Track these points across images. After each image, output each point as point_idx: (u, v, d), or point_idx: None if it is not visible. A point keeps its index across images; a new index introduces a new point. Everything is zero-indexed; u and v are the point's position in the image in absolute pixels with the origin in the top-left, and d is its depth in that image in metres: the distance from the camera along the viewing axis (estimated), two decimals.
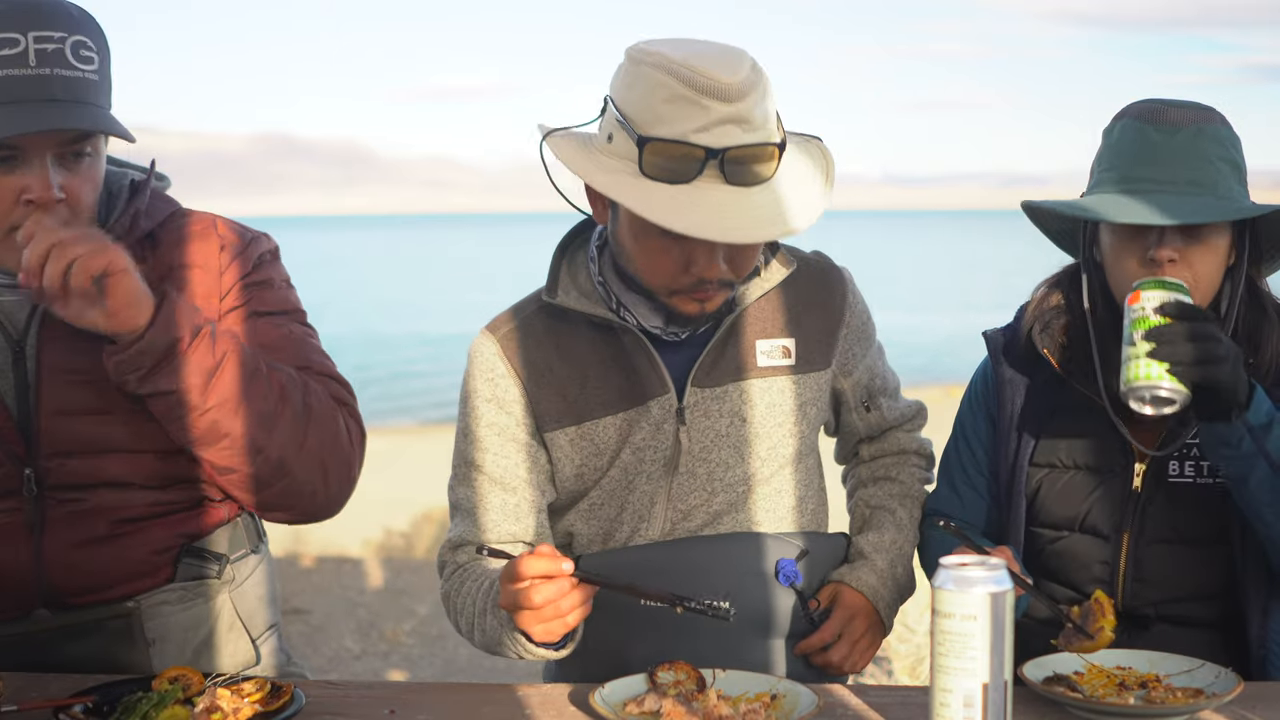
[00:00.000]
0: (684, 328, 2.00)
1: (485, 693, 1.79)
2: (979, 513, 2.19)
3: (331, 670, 5.22)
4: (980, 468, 2.19)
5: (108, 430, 1.88)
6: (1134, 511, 2.04)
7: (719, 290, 1.92)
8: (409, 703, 1.75)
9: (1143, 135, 1.98)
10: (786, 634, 2.05)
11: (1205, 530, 2.02)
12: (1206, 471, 2.02)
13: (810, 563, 2.08)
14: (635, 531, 2.03)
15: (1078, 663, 1.81)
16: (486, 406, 2.04)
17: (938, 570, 1.50)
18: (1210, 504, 2.01)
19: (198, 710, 1.62)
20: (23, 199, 1.78)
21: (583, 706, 1.69)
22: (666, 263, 1.89)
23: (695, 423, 2.01)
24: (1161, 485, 2.03)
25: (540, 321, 2.05)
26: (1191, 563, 2.02)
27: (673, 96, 1.79)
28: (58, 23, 1.77)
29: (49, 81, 1.76)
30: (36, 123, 1.74)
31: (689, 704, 1.66)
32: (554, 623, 1.71)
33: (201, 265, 1.96)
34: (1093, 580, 2.06)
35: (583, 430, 2.02)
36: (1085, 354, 2.06)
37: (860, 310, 2.15)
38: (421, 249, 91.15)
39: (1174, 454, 2.03)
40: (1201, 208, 1.92)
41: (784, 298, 2.07)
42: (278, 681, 1.72)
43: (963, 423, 2.24)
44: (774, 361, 2.04)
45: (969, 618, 1.47)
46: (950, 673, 1.48)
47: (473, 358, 2.06)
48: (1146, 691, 1.73)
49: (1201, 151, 1.96)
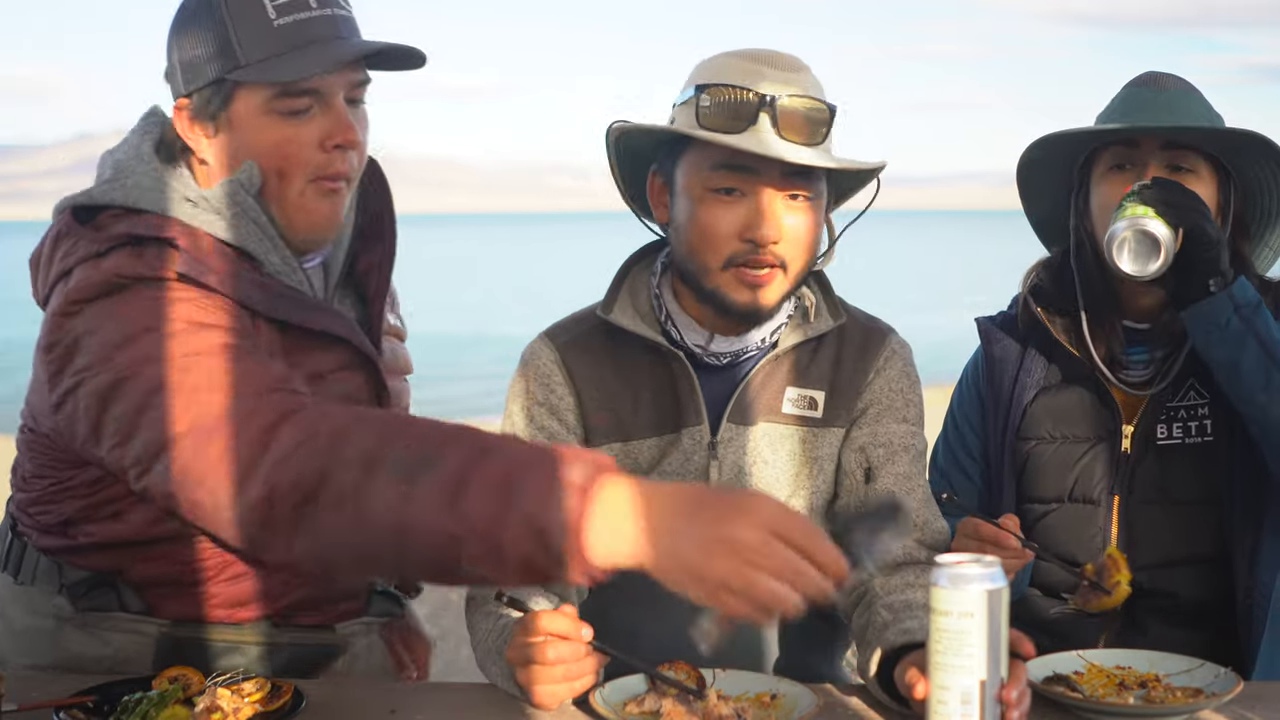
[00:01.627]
0: (725, 344, 1.98)
1: (485, 693, 1.79)
2: (970, 497, 2.20)
3: None
4: (971, 451, 2.22)
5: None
6: (1124, 475, 2.07)
7: (774, 270, 1.91)
8: (409, 703, 1.75)
9: (1136, 93, 2.11)
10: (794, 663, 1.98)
11: (1195, 491, 2.06)
12: (1195, 431, 2.06)
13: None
14: None
15: (1078, 663, 1.81)
16: (539, 410, 2.03)
17: (933, 568, 1.51)
18: (1200, 464, 2.05)
19: (198, 710, 1.62)
20: (328, 143, 1.79)
21: (583, 706, 1.69)
22: (723, 223, 1.90)
23: (727, 459, 1.99)
24: (1150, 447, 2.07)
25: (599, 337, 2.06)
26: (1181, 524, 2.05)
27: (733, 69, 1.90)
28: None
29: (334, 21, 1.78)
30: (341, 55, 1.75)
31: (689, 704, 1.67)
32: (561, 686, 1.66)
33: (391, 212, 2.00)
34: (1084, 550, 2.07)
35: (628, 449, 2.01)
36: (1075, 320, 2.11)
37: (894, 378, 2.04)
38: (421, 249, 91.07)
39: (1162, 417, 2.08)
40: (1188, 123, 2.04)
41: (821, 349, 2.04)
42: (278, 681, 1.72)
43: (953, 410, 2.28)
44: (798, 411, 2.01)
45: (965, 615, 1.47)
46: (947, 670, 1.48)
47: (528, 362, 2.06)
48: (1146, 691, 1.73)
49: (1190, 106, 2.08)
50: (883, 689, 1.71)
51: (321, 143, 1.79)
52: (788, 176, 1.90)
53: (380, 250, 1.99)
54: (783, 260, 1.92)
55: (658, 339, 2.00)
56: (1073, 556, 2.07)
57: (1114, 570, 1.92)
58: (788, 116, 1.87)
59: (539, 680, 1.66)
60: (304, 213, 1.81)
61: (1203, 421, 2.08)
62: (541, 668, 1.65)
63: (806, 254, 1.95)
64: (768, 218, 1.89)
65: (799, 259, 1.93)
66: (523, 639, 1.67)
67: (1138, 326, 2.12)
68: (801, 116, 1.88)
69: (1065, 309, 2.14)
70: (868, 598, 1.92)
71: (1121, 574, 1.90)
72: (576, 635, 1.66)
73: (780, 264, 1.92)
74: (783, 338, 2.02)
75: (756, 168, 1.89)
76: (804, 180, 1.91)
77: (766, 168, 1.88)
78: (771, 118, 1.87)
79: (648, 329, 2.01)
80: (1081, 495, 2.10)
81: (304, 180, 1.80)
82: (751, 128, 1.87)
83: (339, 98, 1.79)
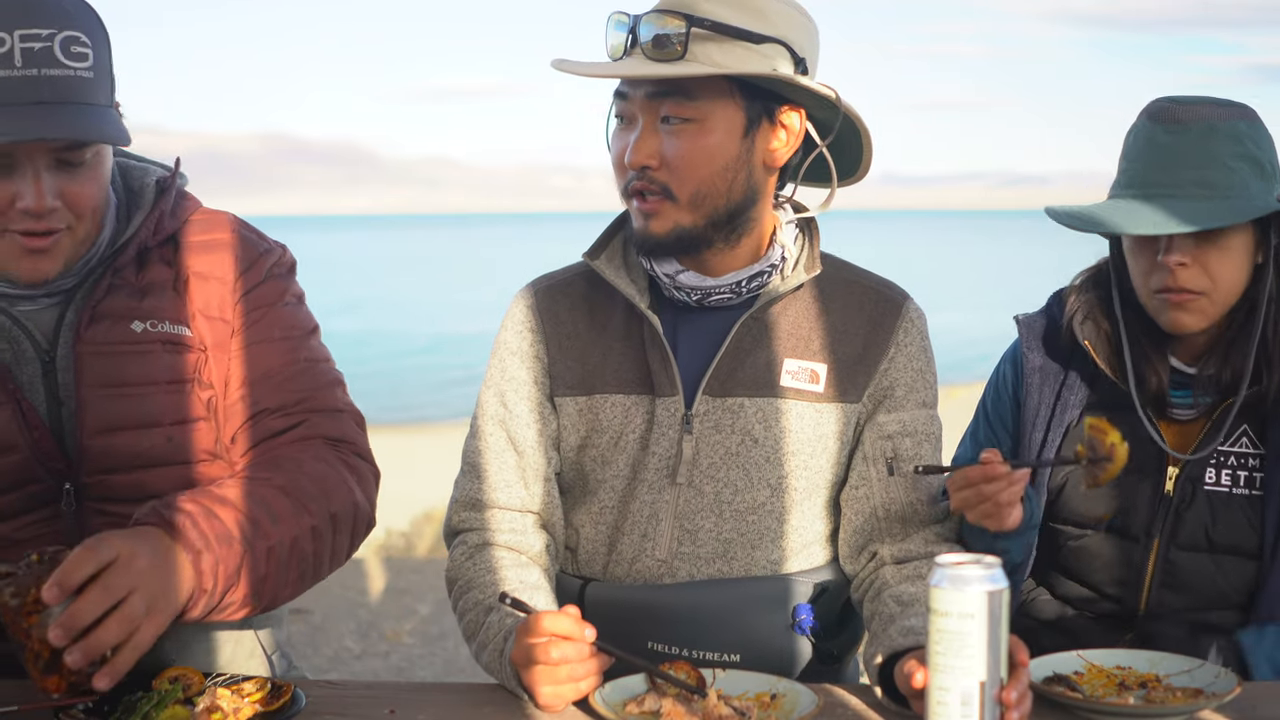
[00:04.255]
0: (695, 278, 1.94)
1: (485, 693, 1.79)
2: None
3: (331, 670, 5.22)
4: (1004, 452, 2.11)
5: (150, 444, 1.84)
6: (1166, 516, 2.00)
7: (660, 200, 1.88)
8: (409, 703, 1.75)
9: (1152, 137, 1.96)
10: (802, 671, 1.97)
11: (1238, 540, 1.98)
12: (1244, 482, 1.99)
13: (830, 595, 2.00)
14: (641, 550, 1.98)
15: (1078, 663, 1.80)
16: (511, 359, 2.02)
17: (934, 569, 1.51)
18: (1247, 516, 1.98)
19: (198, 710, 1.62)
20: (17, 206, 1.72)
21: (583, 706, 1.69)
22: (616, 152, 1.92)
23: (704, 435, 1.95)
24: (1198, 492, 1.99)
25: (581, 284, 2.03)
26: (1221, 571, 1.99)
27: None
28: (46, 18, 1.68)
29: (37, 83, 1.67)
30: (20, 131, 1.65)
31: (689, 704, 1.67)
32: (565, 686, 1.66)
33: (218, 278, 1.91)
34: (1113, 581, 2.03)
35: (592, 402, 1.98)
36: (1119, 352, 2.03)
37: (915, 354, 1.99)
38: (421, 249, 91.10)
39: (1210, 461, 2.00)
40: (1204, 212, 1.89)
41: (825, 316, 1.98)
42: (278, 681, 1.72)
43: (986, 406, 2.20)
44: (800, 385, 1.95)
45: (966, 616, 1.47)
46: (948, 671, 1.48)
47: (509, 310, 2.06)
48: (1146, 691, 1.73)
49: (1211, 151, 1.92)
50: (884, 689, 1.71)
51: (12, 202, 1.72)
52: (654, 98, 1.88)
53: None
54: (664, 185, 1.88)
55: (636, 297, 1.96)
56: (1099, 586, 2.04)
57: (1103, 437, 1.83)
58: (646, 35, 1.86)
59: (543, 681, 1.66)
60: (5, 260, 1.77)
61: (1253, 474, 2.00)
62: (545, 668, 1.65)
63: (695, 178, 1.88)
64: (638, 141, 1.88)
65: (686, 184, 1.88)
66: (526, 640, 1.67)
67: (1185, 370, 2.02)
68: (655, 32, 1.85)
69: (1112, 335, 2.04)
70: (877, 584, 1.92)
71: (1111, 435, 1.82)
72: (580, 636, 1.66)
73: (662, 190, 1.88)
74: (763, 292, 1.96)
75: (626, 92, 1.91)
76: (676, 99, 1.87)
77: (634, 90, 1.90)
78: (634, 38, 1.87)
79: (629, 284, 1.97)
80: (1121, 528, 2.03)
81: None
82: (630, 52, 1.88)
83: (35, 163, 1.70)
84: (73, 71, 1.70)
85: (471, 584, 1.93)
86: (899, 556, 1.95)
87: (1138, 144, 1.99)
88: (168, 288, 1.89)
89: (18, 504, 1.81)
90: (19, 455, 1.80)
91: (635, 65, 1.87)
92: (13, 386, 1.80)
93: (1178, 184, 1.92)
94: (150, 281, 1.88)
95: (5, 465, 1.80)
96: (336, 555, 1.82)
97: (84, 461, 1.82)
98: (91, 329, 1.82)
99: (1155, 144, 1.95)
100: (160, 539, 1.60)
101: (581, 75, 1.89)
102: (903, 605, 1.81)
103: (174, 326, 1.87)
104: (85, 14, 1.74)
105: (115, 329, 1.84)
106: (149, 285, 1.88)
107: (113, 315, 1.84)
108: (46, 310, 1.84)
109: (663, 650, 1.95)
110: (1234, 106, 1.97)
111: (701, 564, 1.97)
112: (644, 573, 1.98)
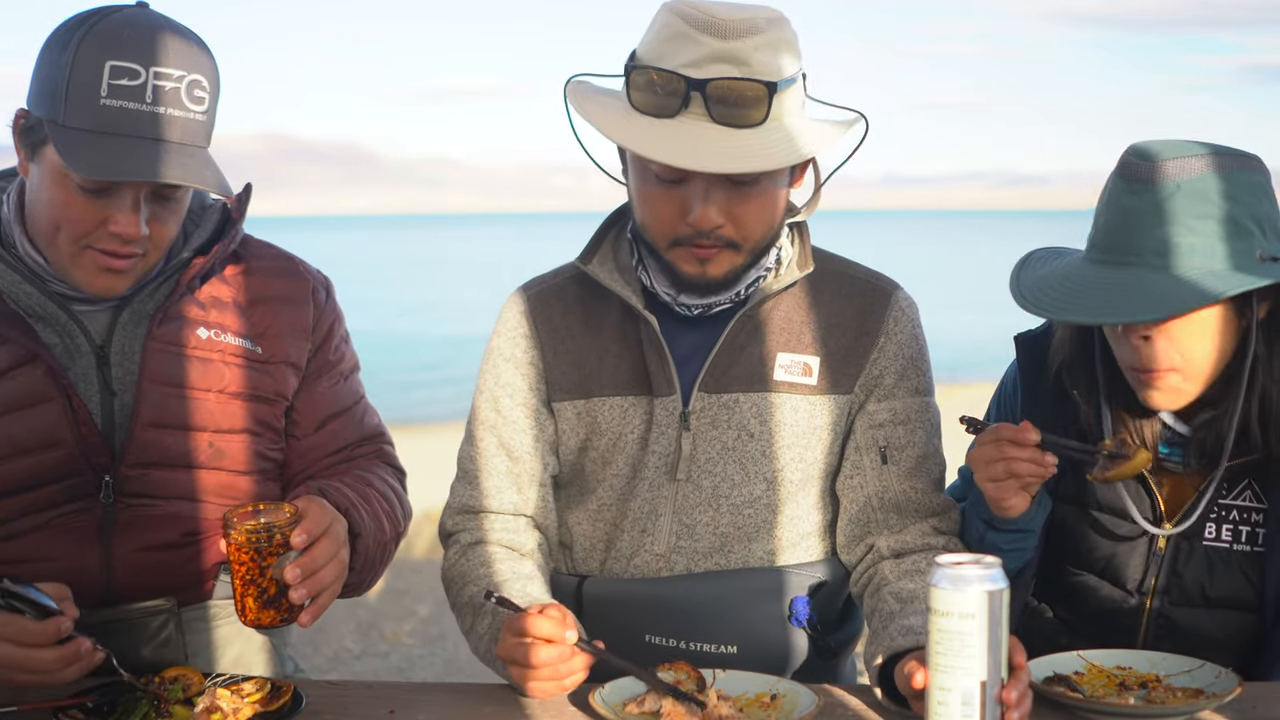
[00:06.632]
0: (694, 297, 1.93)
1: (485, 693, 1.79)
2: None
3: (331, 670, 5.22)
4: None
5: (193, 446, 1.91)
6: (1158, 573, 1.95)
7: (721, 249, 1.86)
8: (409, 703, 1.75)
9: (1113, 198, 1.84)
10: (800, 668, 1.98)
11: (1235, 593, 1.93)
12: (1245, 539, 1.93)
13: (828, 591, 2.01)
14: (639, 545, 1.99)
15: (1078, 663, 1.81)
16: (505, 365, 2.02)
17: (933, 569, 1.51)
18: (1246, 571, 1.93)
19: (198, 710, 1.62)
20: (109, 228, 1.78)
21: (583, 706, 1.69)
22: (664, 209, 1.86)
23: (702, 431, 1.95)
24: (1195, 549, 1.94)
25: (574, 288, 2.03)
26: (1219, 626, 1.95)
27: (673, 34, 1.80)
28: (179, 61, 1.77)
29: (159, 121, 1.75)
30: (138, 171, 1.73)
31: (689, 704, 1.66)
32: (550, 684, 1.70)
33: (295, 300, 2.01)
34: (1110, 628, 1.98)
35: (590, 405, 1.99)
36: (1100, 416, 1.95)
37: (905, 343, 1.98)
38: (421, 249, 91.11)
39: (1210, 517, 1.94)
40: (1157, 291, 1.77)
41: (816, 310, 1.98)
42: (278, 681, 1.72)
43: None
44: (793, 378, 1.95)
45: (966, 616, 1.47)
46: (948, 671, 1.48)
47: (501, 315, 2.05)
48: (1146, 691, 1.73)
49: (1173, 214, 1.77)
50: (884, 690, 1.71)
51: (103, 223, 1.79)
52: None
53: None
54: (730, 240, 1.86)
55: (632, 299, 1.95)
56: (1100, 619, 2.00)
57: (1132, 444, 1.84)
58: (720, 106, 1.77)
59: (528, 680, 1.70)
60: (79, 271, 1.83)
61: (1255, 529, 1.92)
62: (528, 670, 1.69)
63: (761, 227, 1.88)
64: (706, 208, 1.83)
65: (751, 235, 1.88)
66: (511, 639, 1.70)
67: (1178, 429, 1.93)
68: (735, 108, 1.77)
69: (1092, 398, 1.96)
70: (876, 580, 1.92)
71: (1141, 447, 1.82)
72: (561, 638, 1.68)
73: (728, 244, 1.87)
74: (755, 292, 1.96)
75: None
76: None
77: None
78: (704, 105, 1.78)
79: (623, 286, 1.96)
80: (1114, 578, 1.99)
81: (75, 244, 1.80)
82: (683, 111, 1.78)
83: (137, 191, 1.78)
84: (191, 114, 1.79)
85: (466, 578, 1.96)
86: (896, 549, 1.94)
87: (1103, 201, 1.87)
88: (229, 304, 1.97)
89: (58, 495, 1.86)
90: (65, 450, 1.85)
91: (712, 137, 1.77)
92: (65, 381, 1.84)
93: (1136, 251, 1.79)
94: (213, 296, 1.97)
95: (51, 460, 1.85)
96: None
97: (127, 454, 1.87)
98: (164, 327, 1.90)
99: (1115, 205, 1.83)
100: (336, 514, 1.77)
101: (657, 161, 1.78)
102: (902, 603, 1.81)
103: (236, 339, 1.96)
104: (209, 59, 1.83)
105: (184, 332, 1.92)
106: (212, 299, 1.97)
107: (183, 319, 1.93)
108: (102, 312, 1.90)
109: (660, 643, 1.95)
110: (1218, 156, 1.81)
111: (699, 558, 1.97)
112: (643, 568, 1.99)
